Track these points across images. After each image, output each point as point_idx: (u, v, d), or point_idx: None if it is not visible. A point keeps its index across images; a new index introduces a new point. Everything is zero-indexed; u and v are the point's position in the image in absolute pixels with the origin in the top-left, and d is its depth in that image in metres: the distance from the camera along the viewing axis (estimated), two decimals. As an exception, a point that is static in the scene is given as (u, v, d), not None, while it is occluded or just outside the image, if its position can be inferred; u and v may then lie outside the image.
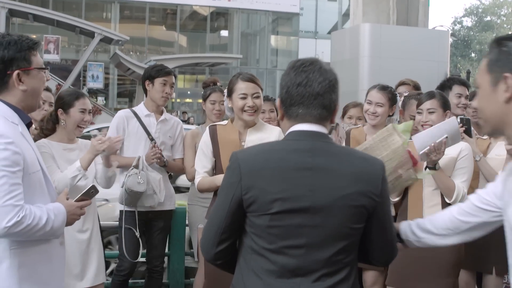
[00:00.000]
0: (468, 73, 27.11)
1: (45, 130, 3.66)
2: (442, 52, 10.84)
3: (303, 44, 34.96)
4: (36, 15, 23.03)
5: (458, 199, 3.31)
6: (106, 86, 30.87)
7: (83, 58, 23.49)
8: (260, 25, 34.93)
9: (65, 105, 3.60)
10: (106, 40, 23.62)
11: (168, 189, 4.21)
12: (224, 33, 36.29)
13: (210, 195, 3.60)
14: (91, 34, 23.02)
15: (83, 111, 3.62)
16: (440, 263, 3.38)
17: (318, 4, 37.17)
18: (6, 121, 2.19)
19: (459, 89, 4.25)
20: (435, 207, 3.39)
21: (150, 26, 33.41)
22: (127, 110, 4.27)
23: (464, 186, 3.36)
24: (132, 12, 34.25)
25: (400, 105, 4.08)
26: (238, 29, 34.16)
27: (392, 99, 3.92)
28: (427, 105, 3.54)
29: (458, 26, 53.47)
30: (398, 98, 4.01)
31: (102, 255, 3.73)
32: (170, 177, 4.36)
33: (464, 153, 3.40)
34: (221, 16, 35.66)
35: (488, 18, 53.23)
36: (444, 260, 3.36)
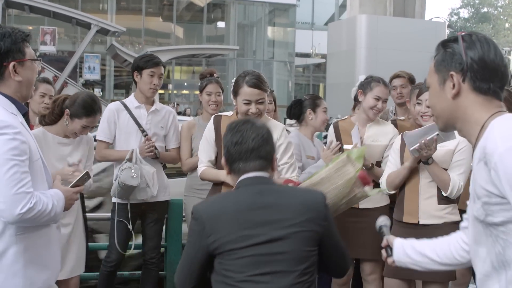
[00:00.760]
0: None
1: (46, 119, 3.70)
2: (439, 43, 10.85)
3: (300, 35, 34.90)
4: (32, 6, 22.84)
5: (454, 192, 3.34)
6: (103, 77, 30.80)
7: (80, 49, 23.34)
8: (256, 16, 34.79)
9: (74, 113, 3.60)
10: (103, 31, 23.48)
11: (161, 180, 4.18)
12: (220, 24, 36.17)
13: (207, 187, 3.62)
14: (88, 26, 22.86)
15: (86, 127, 3.65)
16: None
17: (315, -5, 37.15)
18: (7, 111, 2.25)
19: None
20: (431, 199, 3.41)
21: (147, 17, 33.23)
22: (117, 103, 4.23)
23: (461, 178, 3.36)
24: (128, 3, 34.08)
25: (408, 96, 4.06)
26: (234, 20, 34.03)
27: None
28: (427, 95, 3.54)
29: (455, 18, 53.54)
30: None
31: (83, 248, 3.76)
32: (165, 167, 4.34)
33: (461, 145, 3.40)
34: (217, 7, 35.55)
35: (485, 10, 53.27)
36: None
